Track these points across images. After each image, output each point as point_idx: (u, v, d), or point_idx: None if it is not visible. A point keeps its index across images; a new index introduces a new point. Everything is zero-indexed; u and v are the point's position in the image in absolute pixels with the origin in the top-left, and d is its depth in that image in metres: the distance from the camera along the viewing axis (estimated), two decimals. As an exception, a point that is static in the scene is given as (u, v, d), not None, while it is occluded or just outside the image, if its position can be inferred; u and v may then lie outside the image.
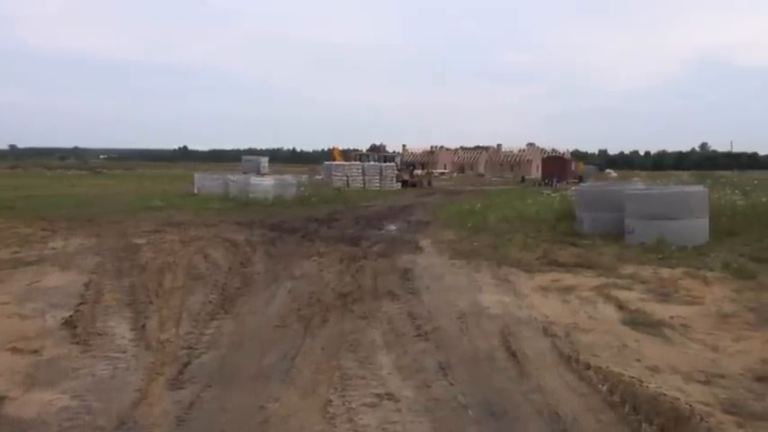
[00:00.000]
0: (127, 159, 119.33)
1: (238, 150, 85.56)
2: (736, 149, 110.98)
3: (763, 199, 13.85)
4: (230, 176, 27.09)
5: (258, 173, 33.87)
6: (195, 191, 26.82)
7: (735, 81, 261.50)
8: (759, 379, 4.52)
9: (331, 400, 4.27)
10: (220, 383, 4.59)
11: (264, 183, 25.10)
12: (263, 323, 6.32)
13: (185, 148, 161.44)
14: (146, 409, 4.13)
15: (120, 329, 5.99)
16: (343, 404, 4.21)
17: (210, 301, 7.10)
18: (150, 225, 14.44)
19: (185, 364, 4.99)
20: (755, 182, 22.81)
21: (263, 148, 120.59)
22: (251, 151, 77.46)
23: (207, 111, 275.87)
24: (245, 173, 32.42)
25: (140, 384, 4.55)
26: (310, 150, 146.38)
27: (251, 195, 23.42)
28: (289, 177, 27.72)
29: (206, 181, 27.73)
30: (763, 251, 9.46)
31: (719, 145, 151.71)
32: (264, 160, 41.92)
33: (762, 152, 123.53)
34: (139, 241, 11.67)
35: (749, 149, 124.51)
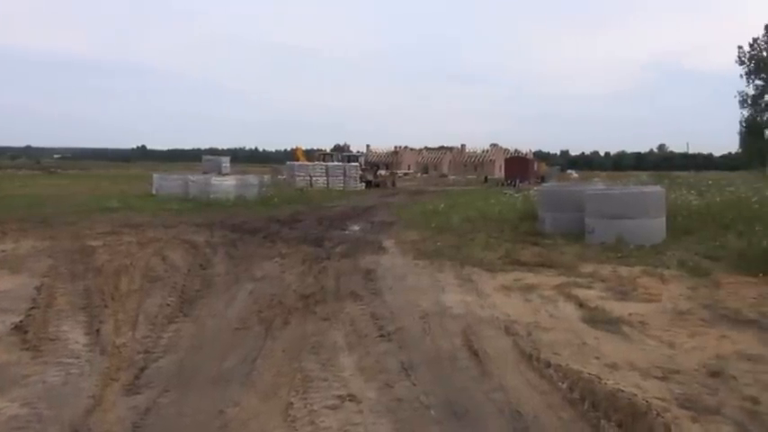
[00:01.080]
0: (82, 159, 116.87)
1: (199, 150, 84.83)
2: (692, 151, 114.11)
3: (717, 199, 14.24)
4: (190, 177, 26.69)
5: (219, 173, 33.48)
6: (153, 191, 26.34)
7: (691, 85, 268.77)
8: (713, 374, 4.64)
9: (292, 403, 4.24)
10: (178, 388, 4.52)
11: (225, 183, 24.83)
12: (223, 326, 6.24)
13: (144, 147, 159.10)
14: (100, 415, 4.04)
15: (74, 334, 5.85)
16: (305, 407, 4.19)
17: (168, 304, 6.99)
18: (106, 226, 14.14)
19: (142, 369, 4.90)
20: (710, 182, 23.41)
21: (225, 147, 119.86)
22: (212, 151, 76.75)
23: (166, 110, 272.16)
24: (205, 173, 32.00)
25: (94, 390, 4.45)
26: (273, 150, 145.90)
27: (212, 196, 23.15)
28: (251, 177, 27.40)
29: (165, 181, 27.24)
30: (717, 249, 9.73)
31: (676, 146, 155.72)
32: (226, 160, 41.45)
33: (716, 153, 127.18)
34: (95, 243, 11.42)
35: (704, 151, 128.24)
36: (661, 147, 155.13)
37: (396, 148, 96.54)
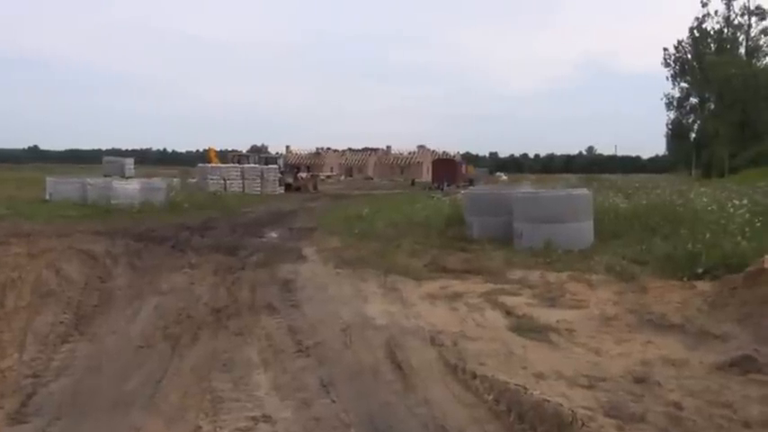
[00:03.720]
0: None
1: (100, 151, 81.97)
2: (620, 153, 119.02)
3: (644, 202, 14.84)
4: (89, 180, 25.72)
5: (122, 176, 32.48)
6: (47, 196, 25.24)
7: (621, 86, 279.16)
8: (638, 381, 4.84)
9: (201, 427, 4.15)
10: (72, 415, 4.34)
11: (129, 187, 24.12)
12: (124, 344, 6.05)
13: (36, 147, 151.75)
14: (-19, 448, 3.83)
15: (-48, 358, 5.54)
16: (215, 430, 4.11)
17: (62, 322, 6.72)
18: (-8, 236, 13.48)
19: (29, 395, 4.67)
20: (637, 185, 24.47)
21: (129, 148, 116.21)
22: (114, 152, 74.39)
23: (63, 106, 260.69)
24: (106, 176, 30.98)
25: (-25, 420, 4.22)
26: (183, 151, 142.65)
27: (113, 201, 22.50)
28: (158, 181, 26.75)
29: (60, 185, 26.12)
30: (644, 253, 10.15)
31: (605, 149, 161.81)
32: (130, 162, 40.21)
33: (644, 155, 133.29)
34: (-23, 255, 10.86)
35: (632, 153, 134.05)
36: (590, 149, 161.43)
37: (317, 149, 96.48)
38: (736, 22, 65.28)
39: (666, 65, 68.01)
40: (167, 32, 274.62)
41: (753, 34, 65.29)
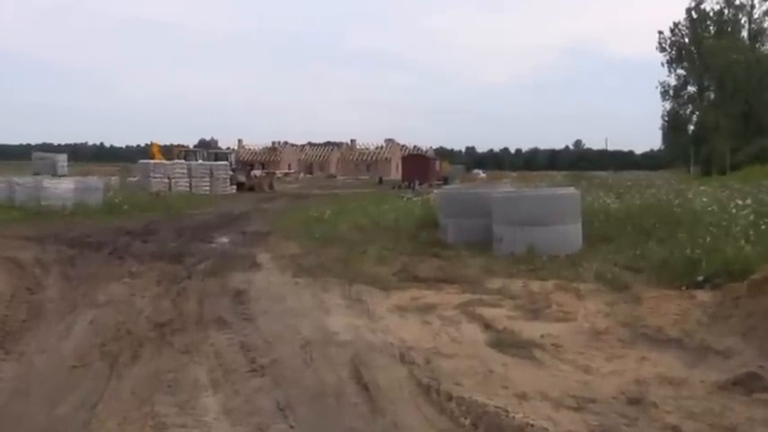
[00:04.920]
0: None
1: (28, 146, 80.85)
2: (611, 147, 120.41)
3: (637, 202, 15.04)
4: (16, 179, 25.44)
5: (54, 174, 32.04)
6: (-34, 198, 24.87)
7: (608, 74, 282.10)
8: (632, 402, 4.89)
9: (141, 457, 4.11)
10: (-7, 445, 4.28)
11: (62, 187, 23.91)
12: (55, 364, 5.99)
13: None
14: None
15: None
16: (157, 461, 4.07)
17: (-16, 340, 6.62)
18: None
19: (-56, 424, 4.60)
20: (629, 183, 24.77)
21: (62, 143, 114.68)
22: (45, 147, 73.41)
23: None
24: (36, 174, 30.55)
25: None
26: (123, 146, 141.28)
27: (44, 203, 22.37)
28: (94, 180, 26.63)
29: (-18, 186, 25.80)
30: (638, 259, 10.27)
31: (594, 143, 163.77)
32: (62, 158, 39.61)
33: (638, 150, 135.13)
34: None
35: (625, 148, 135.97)
36: (577, 143, 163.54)
37: (273, 143, 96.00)
38: (737, 2, 65.90)
39: (662, 50, 68.57)
40: (101, 16, 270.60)
41: (756, 16, 66.22)
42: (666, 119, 69.16)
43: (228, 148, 58.66)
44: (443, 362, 5.88)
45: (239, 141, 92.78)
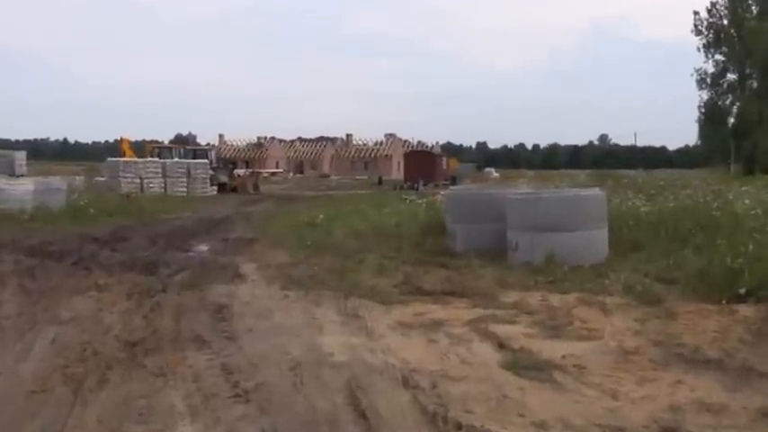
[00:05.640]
0: None
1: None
2: (640, 143, 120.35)
3: (671, 204, 15.01)
4: (-32, 181, 25.54)
5: (11, 174, 32.20)
6: None
7: (637, 61, 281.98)
8: (666, 431, 4.87)
9: (108, 495, 4.10)
10: (-60, 481, 4.26)
11: (20, 188, 24.02)
12: (12, 389, 5.95)
13: None
14: None
15: None
16: (126, 499, 4.06)
17: (-69, 362, 6.62)
18: None
19: None
20: (662, 183, 24.72)
21: (20, 138, 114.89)
22: (1, 143, 73.45)
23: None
24: (-9, 174, 30.69)
25: None
26: (89, 142, 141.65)
27: (0, 206, 22.30)
28: (56, 180, 26.72)
29: (-69, 188, 25.88)
30: (672, 269, 10.24)
31: (622, 138, 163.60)
32: (21, 156, 40.00)
33: (671, 146, 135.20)
34: None
35: (656, 143, 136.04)
36: (603, 138, 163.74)
37: (259, 138, 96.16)
38: (783, -23, 65.89)
39: (697, 33, 68.53)
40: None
41: (805, -7, 65.97)
42: (703, 110, 69.04)
43: (208, 145, 59.07)
44: (452, 386, 5.86)
45: (220, 137, 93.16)
